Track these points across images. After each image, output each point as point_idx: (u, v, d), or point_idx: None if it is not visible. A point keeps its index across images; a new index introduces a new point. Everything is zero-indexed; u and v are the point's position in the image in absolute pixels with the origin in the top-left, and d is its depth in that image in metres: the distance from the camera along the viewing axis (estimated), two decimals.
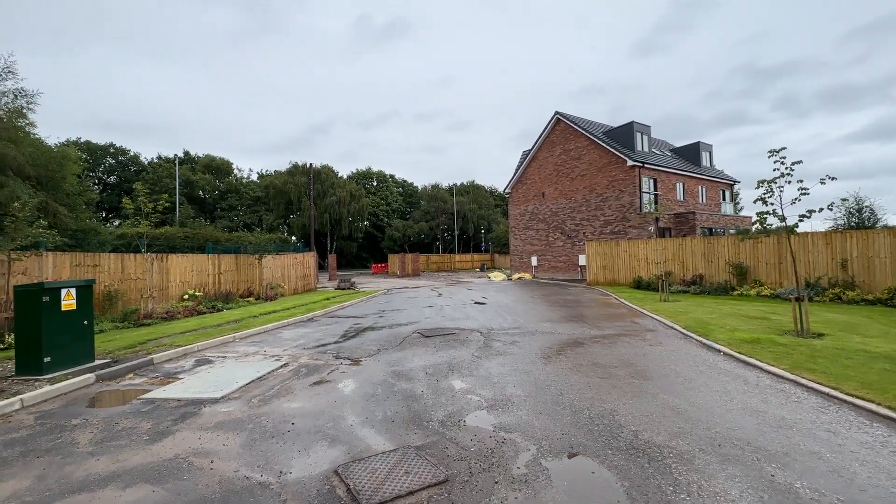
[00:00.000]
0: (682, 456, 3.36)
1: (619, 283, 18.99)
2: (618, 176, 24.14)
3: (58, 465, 3.52)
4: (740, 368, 5.74)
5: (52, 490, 3.13)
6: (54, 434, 4.19)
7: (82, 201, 25.78)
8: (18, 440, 4.07)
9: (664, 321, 9.40)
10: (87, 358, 6.59)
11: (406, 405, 4.72)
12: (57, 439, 4.06)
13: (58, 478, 3.31)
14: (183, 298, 13.67)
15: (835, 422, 3.95)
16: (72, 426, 4.38)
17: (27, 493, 3.09)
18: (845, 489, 2.87)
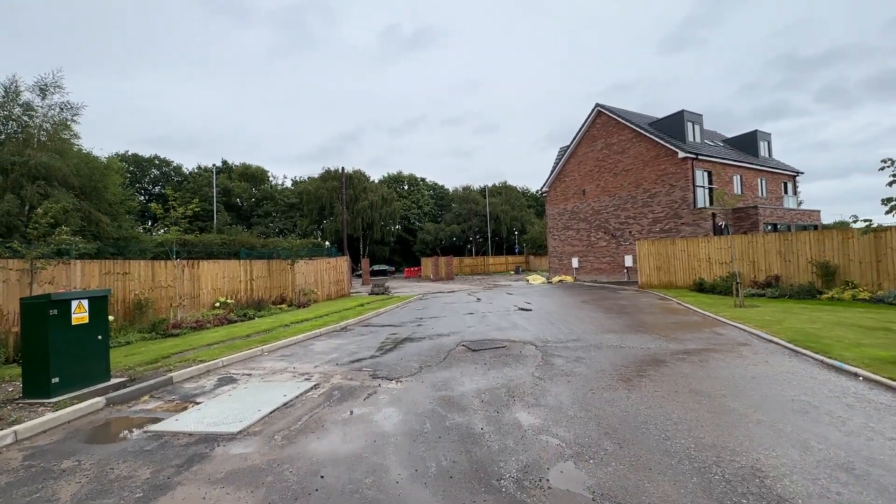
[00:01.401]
0: None
1: (677, 285, 17.25)
2: (668, 169, 22.29)
3: None
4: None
5: None
6: (36, 484, 3.39)
7: (124, 210, 26.40)
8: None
9: (756, 332, 7.91)
10: (101, 377, 5.92)
11: (465, 450, 3.66)
12: (35, 493, 3.25)
13: None
14: (214, 306, 13.22)
15: None
16: (59, 472, 3.59)
17: None
18: None
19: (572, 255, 28.46)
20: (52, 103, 20.14)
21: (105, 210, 22.52)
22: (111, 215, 23.02)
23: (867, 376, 5.01)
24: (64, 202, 18.36)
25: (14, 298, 8.22)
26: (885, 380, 4.79)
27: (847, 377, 5.20)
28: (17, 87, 19.33)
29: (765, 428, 3.85)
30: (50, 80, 19.67)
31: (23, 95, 19.41)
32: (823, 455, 3.30)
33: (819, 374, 5.41)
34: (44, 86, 19.59)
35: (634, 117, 25.93)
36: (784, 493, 2.81)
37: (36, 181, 18.64)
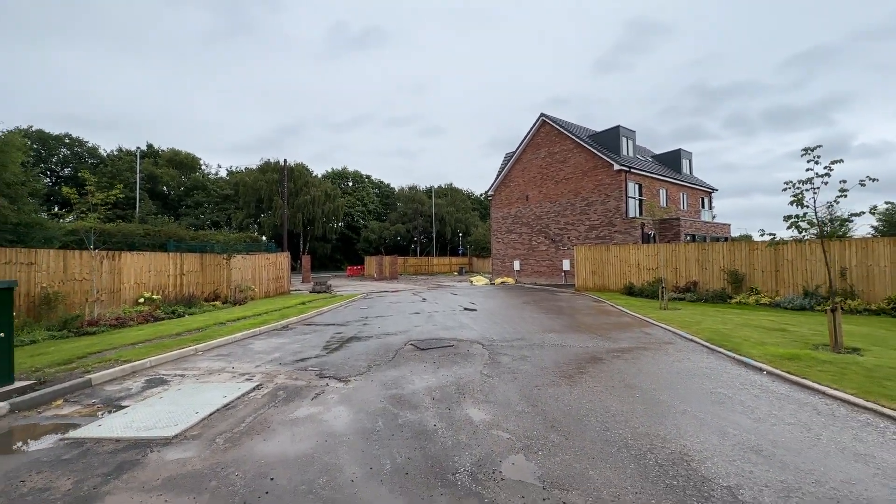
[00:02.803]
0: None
1: (609, 289, 18.46)
2: (604, 180, 23.78)
3: None
4: (799, 392, 4.99)
5: None
6: None
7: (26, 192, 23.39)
8: None
9: (679, 332, 8.70)
10: (2, 380, 5.23)
11: (419, 447, 3.70)
12: None
13: None
14: (138, 302, 12.12)
15: None
16: None
17: None
18: None
19: (514, 257, 29.43)
20: None
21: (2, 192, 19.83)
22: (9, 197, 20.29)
23: (770, 370, 5.72)
24: None
25: None
26: (783, 373, 5.50)
27: (754, 371, 5.90)
28: None
29: (689, 417, 4.27)
30: None
31: None
32: (738, 440, 3.74)
33: (732, 369, 6.08)
34: None
35: (576, 129, 27.38)
36: (707, 475, 3.15)
37: None
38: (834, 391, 4.74)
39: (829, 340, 6.71)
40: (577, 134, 25.73)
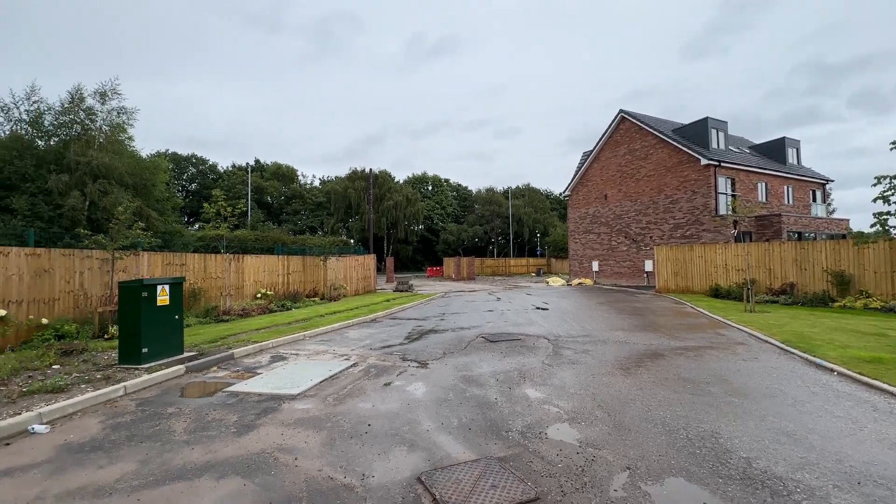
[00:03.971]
0: (812, 493, 2.89)
1: (693, 290, 17.62)
2: (690, 176, 22.52)
3: (158, 452, 3.72)
4: (864, 392, 4.97)
5: (154, 475, 3.29)
6: (153, 421, 4.46)
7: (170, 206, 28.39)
8: (124, 424, 4.38)
9: (755, 334, 8.49)
10: (177, 350, 7.08)
11: (481, 412, 4.55)
12: (156, 426, 4.32)
13: (159, 464, 3.49)
14: (256, 297, 14.49)
15: None
16: (168, 414, 4.66)
17: (133, 478, 3.27)
18: None
19: (593, 258, 28.87)
20: (110, 108, 22.07)
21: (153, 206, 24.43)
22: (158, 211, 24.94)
23: (841, 371, 5.63)
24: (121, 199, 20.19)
25: (97, 283, 9.57)
26: (854, 374, 5.41)
27: (823, 372, 5.82)
28: (81, 93, 21.27)
29: (733, 406, 4.58)
30: (109, 87, 21.59)
31: (86, 101, 21.36)
32: (774, 426, 4.04)
33: (799, 368, 6.04)
34: (103, 92, 21.49)
35: (658, 123, 26.16)
36: (730, 448, 3.59)
37: (97, 179, 20.53)
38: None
39: None
40: (659, 129, 24.64)
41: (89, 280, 9.49)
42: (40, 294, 8.48)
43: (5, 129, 21.07)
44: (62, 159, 20.20)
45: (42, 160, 20.26)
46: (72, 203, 19.24)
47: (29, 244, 9.02)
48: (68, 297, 9.04)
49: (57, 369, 6.28)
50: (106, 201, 20.22)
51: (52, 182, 19.22)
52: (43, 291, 8.53)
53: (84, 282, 9.36)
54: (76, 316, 9.04)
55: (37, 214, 19.03)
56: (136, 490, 3.09)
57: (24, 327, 8.03)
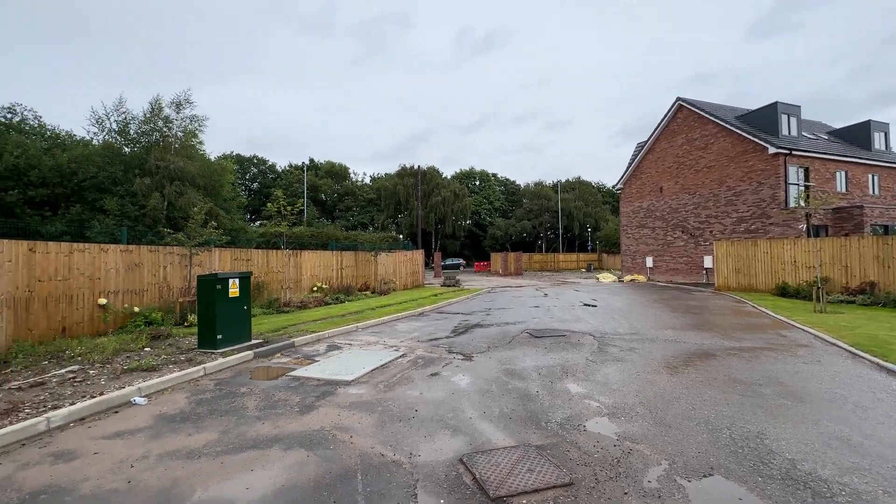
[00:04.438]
0: (858, 496, 2.84)
1: (757, 289, 16.54)
2: (756, 166, 21.02)
3: (234, 424, 4.26)
4: None
5: (233, 444, 3.81)
6: (229, 399, 5.07)
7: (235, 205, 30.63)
8: (205, 400, 5.01)
9: (822, 336, 7.96)
10: (246, 338, 7.83)
11: (522, 404, 4.74)
12: (232, 403, 4.91)
13: (236, 434, 4.02)
14: (312, 290, 15.43)
15: None
16: (241, 393, 5.27)
17: (216, 445, 3.80)
18: None
19: (646, 253, 27.75)
20: (184, 116, 24.18)
21: (221, 205, 26.49)
22: (225, 210, 27.00)
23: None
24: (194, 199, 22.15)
25: (177, 276, 10.71)
26: None
27: (894, 378, 5.43)
28: (159, 104, 23.47)
29: (785, 409, 4.45)
30: (183, 97, 23.63)
31: (164, 111, 23.55)
32: (828, 430, 3.91)
33: (867, 373, 5.67)
34: (178, 102, 23.56)
35: (719, 110, 24.57)
36: (775, 449, 3.54)
37: (173, 182, 22.60)
38: None
39: None
40: (721, 116, 23.14)
41: (171, 273, 10.63)
42: (132, 285, 9.65)
43: (99, 139, 23.74)
44: (144, 164, 22.43)
45: (128, 165, 22.63)
46: (153, 203, 21.36)
47: (122, 242, 10.25)
48: (154, 289, 10.20)
49: (148, 351, 7.19)
50: (181, 201, 22.26)
51: (137, 185, 21.42)
52: (134, 283, 9.70)
53: (167, 275, 10.51)
54: (161, 305, 10.17)
55: (125, 214, 21.31)
56: (220, 455, 3.60)
57: (121, 314, 9.19)
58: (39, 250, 7.81)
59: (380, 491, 3.02)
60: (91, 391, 5.09)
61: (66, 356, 6.81)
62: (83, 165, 21.53)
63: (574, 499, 2.88)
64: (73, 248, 8.46)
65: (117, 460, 3.54)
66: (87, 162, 21.72)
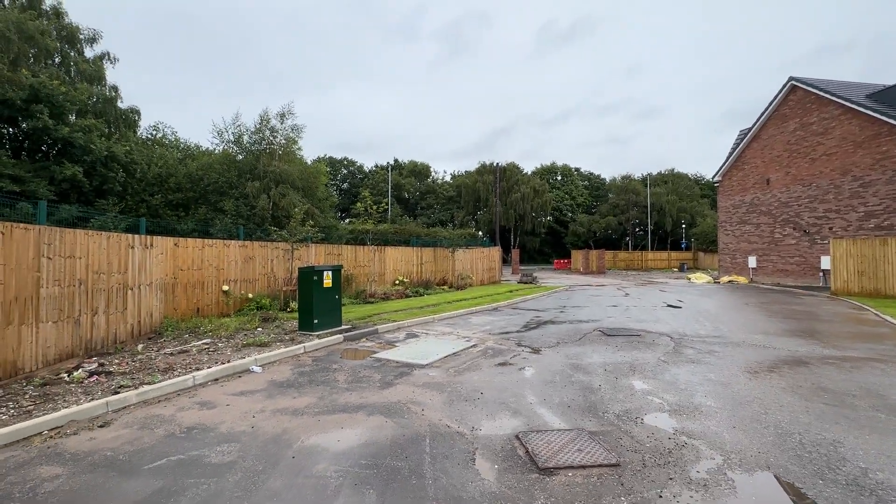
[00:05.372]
0: None
1: (886, 294, 14.31)
2: (891, 151, 18.04)
3: (328, 392, 5.08)
4: None
5: (327, 407, 4.60)
6: (323, 373, 5.97)
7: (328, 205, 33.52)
8: (305, 373, 5.97)
9: None
10: (337, 323, 8.89)
11: (582, 395, 4.96)
12: (326, 376, 5.79)
13: (329, 400, 4.81)
14: (395, 283, 16.59)
15: None
16: (333, 369, 6.15)
17: (315, 406, 4.62)
18: None
19: (748, 252, 25.12)
20: (286, 126, 27.09)
21: (316, 205, 29.24)
22: (320, 209, 29.74)
23: None
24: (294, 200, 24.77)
25: (281, 268, 12.32)
26: None
27: None
28: (267, 116, 26.60)
29: (875, 422, 4.13)
30: (286, 109, 26.48)
31: (270, 121, 26.65)
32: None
33: None
34: (283, 113, 26.41)
35: (844, 89, 21.37)
36: (848, 457, 3.41)
37: (278, 185, 25.50)
38: None
39: None
40: (846, 96, 20.14)
41: (276, 265, 12.27)
42: (247, 275, 11.36)
43: (219, 149, 27.60)
44: (254, 169, 25.61)
45: (241, 171, 26.00)
46: (262, 204, 24.33)
47: (240, 238, 12.07)
48: (263, 279, 11.87)
49: (260, 331, 8.53)
50: (284, 202, 25.03)
51: (248, 188, 24.54)
52: (248, 273, 11.40)
53: (273, 267, 12.15)
54: (268, 293, 11.81)
55: (239, 214, 24.56)
56: (317, 414, 4.40)
57: (238, 299, 10.90)
58: (181, 245, 9.62)
59: (444, 453, 3.53)
60: (221, 359, 6.33)
61: (201, 331, 8.38)
62: (207, 172, 25.23)
63: (618, 477, 3.13)
64: (205, 244, 10.24)
65: (243, 411, 4.50)
66: (210, 169, 25.40)
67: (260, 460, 3.43)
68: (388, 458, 3.45)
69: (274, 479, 3.15)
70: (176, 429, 4.07)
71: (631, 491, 2.96)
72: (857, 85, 22.81)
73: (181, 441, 3.81)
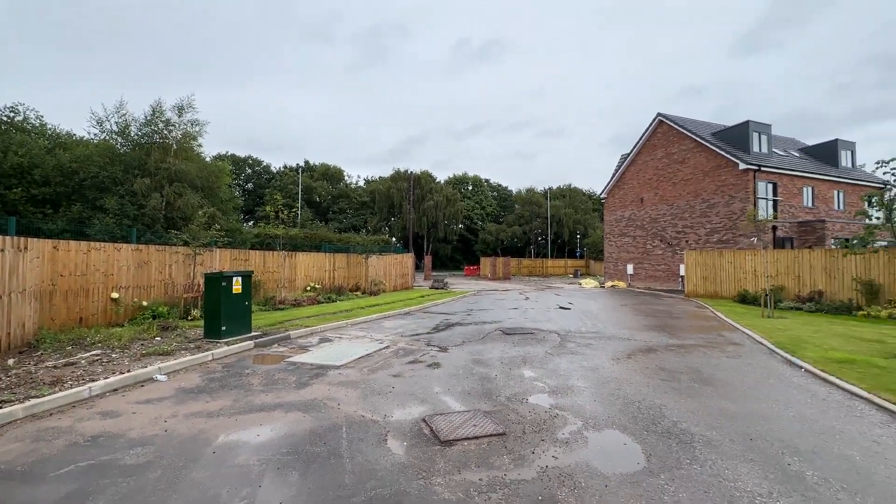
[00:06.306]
0: (709, 442, 3.89)
1: (722, 296, 17.76)
2: (728, 180, 22.33)
3: (243, 395, 5.22)
4: (816, 384, 5.71)
5: (243, 408, 4.77)
6: (236, 378, 6.02)
7: (231, 206, 31.38)
8: (216, 379, 5.96)
9: (755, 336, 9.08)
10: (246, 330, 8.76)
11: (481, 384, 5.75)
12: (239, 381, 5.86)
13: (245, 402, 4.98)
14: (306, 289, 16.34)
15: (886, 435, 4.06)
16: (246, 374, 6.22)
17: (230, 408, 4.76)
18: (851, 479, 3.22)
19: (627, 261, 28.98)
20: (185, 120, 24.99)
21: (219, 206, 27.27)
22: (223, 210, 27.78)
23: (808, 369, 6.32)
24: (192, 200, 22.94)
25: (181, 274, 11.59)
26: (818, 371, 6.11)
27: (794, 369, 6.52)
28: (161, 107, 24.28)
29: (691, 391, 5.50)
30: (185, 102, 24.44)
31: (165, 114, 24.36)
32: (714, 403, 4.96)
33: (774, 365, 6.76)
34: (181, 106, 24.34)
35: (696, 126, 25.93)
36: (666, 414, 4.58)
37: (173, 183, 23.39)
38: (848, 385, 5.39)
39: None
40: (697, 132, 24.48)
41: (176, 271, 11.52)
42: (141, 282, 10.53)
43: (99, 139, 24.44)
44: (144, 165, 23.17)
45: (128, 166, 23.35)
46: (153, 204, 22.11)
47: (132, 242, 11.12)
48: (160, 285, 11.07)
49: (159, 340, 8.09)
50: (180, 202, 23.02)
51: (137, 185, 22.16)
52: (143, 280, 10.57)
53: (172, 272, 11.39)
54: (166, 300, 11.05)
55: (125, 213, 22.02)
56: (234, 415, 4.57)
57: (130, 308, 10.07)
58: (62, 248, 8.69)
59: (359, 437, 4.01)
60: (119, 369, 6.02)
61: (87, 343, 7.70)
62: (84, 165, 22.24)
63: (503, 443, 3.89)
64: (91, 247, 9.34)
65: (152, 417, 4.49)
66: (88, 162, 22.42)
67: (180, 458, 3.59)
68: (308, 446, 3.83)
69: (197, 471, 3.36)
70: (79, 438, 3.97)
71: (512, 451, 3.73)
72: (706, 123, 27.77)
73: (87, 449, 3.77)
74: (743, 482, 3.21)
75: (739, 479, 3.25)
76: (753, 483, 3.20)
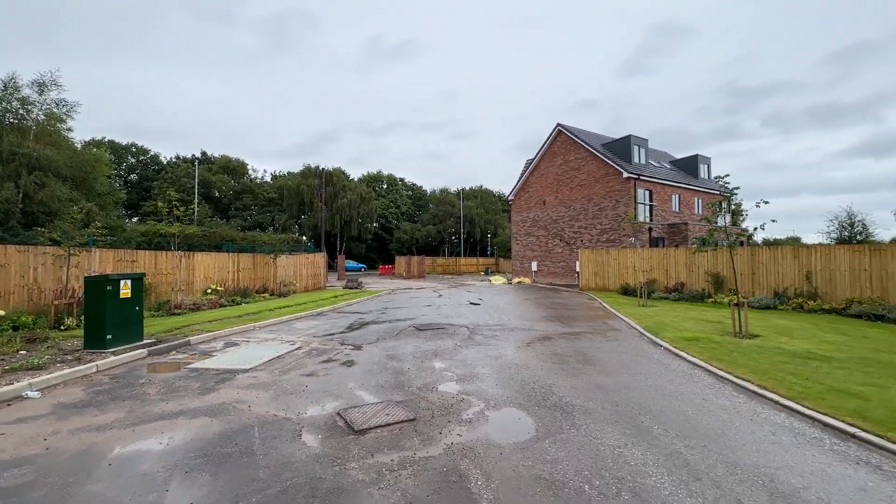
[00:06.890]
0: (586, 411, 4.65)
1: (609, 289, 20.14)
2: (614, 187, 25.27)
3: (139, 405, 4.91)
4: (669, 359, 6.98)
5: (141, 418, 4.51)
6: (129, 388, 5.59)
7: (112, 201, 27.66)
8: (104, 391, 5.48)
9: (631, 322, 10.61)
10: (137, 337, 8.02)
11: (394, 377, 6.05)
12: (132, 391, 5.46)
13: (143, 412, 4.70)
14: (206, 292, 15.17)
15: (713, 395, 5.21)
16: (140, 384, 5.79)
17: (125, 419, 4.48)
18: (684, 427, 4.14)
19: (532, 258, 31.29)
20: (48, 99, 21.48)
21: (94, 200, 23.89)
22: (99, 205, 24.39)
23: (667, 347, 7.68)
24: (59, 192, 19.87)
25: (50, 278, 10.14)
26: (672, 348, 7.46)
27: (656, 347, 7.87)
28: (15, 82, 20.58)
29: (576, 370, 6.38)
30: (48, 78, 21.03)
31: (22, 90, 20.70)
32: (593, 379, 5.85)
33: (642, 346, 8.06)
34: (42, 83, 20.92)
35: (590, 138, 28.90)
36: (555, 391, 5.32)
37: (33, 171, 20.01)
38: (691, 358, 6.71)
39: (733, 328, 8.51)
40: (590, 143, 27.30)
41: (43, 275, 10.05)
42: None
43: None
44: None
45: None
46: (5, 195, 18.71)
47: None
48: (23, 291, 9.60)
49: (25, 354, 7.09)
50: (42, 194, 19.76)
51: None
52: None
53: (38, 277, 9.92)
54: (30, 308, 9.60)
55: None
56: (130, 426, 4.31)
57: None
58: None
59: (272, 435, 4.07)
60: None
61: None
62: None
63: (414, 427, 4.24)
64: None
65: (28, 437, 4.07)
66: None
67: (69, 474, 3.36)
68: (218, 448, 3.81)
69: (92, 485, 3.20)
70: None
71: (422, 433, 4.10)
72: (598, 135, 31.05)
73: None
74: (607, 439, 3.95)
75: (605, 437, 3.99)
76: (615, 439, 3.95)
